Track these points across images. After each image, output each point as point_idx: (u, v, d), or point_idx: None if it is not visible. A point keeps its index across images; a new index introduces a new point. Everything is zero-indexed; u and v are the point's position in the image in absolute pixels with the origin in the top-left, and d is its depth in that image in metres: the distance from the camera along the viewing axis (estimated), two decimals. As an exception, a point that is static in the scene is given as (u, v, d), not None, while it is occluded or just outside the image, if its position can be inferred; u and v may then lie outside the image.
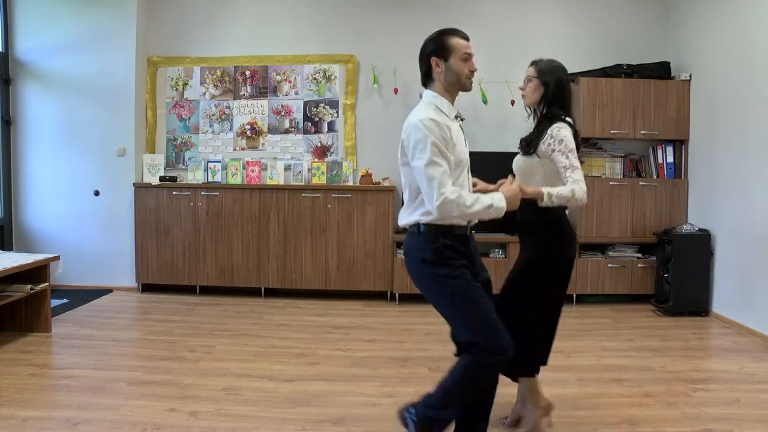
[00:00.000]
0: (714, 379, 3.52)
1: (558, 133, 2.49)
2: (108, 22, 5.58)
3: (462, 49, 2.26)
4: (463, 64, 2.27)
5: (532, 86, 2.62)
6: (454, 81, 2.29)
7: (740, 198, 4.54)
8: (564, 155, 2.48)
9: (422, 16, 5.67)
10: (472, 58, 2.30)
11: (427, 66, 2.32)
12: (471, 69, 2.29)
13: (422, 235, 2.25)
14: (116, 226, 5.65)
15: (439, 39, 2.28)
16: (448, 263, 2.21)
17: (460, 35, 2.29)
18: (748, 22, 4.42)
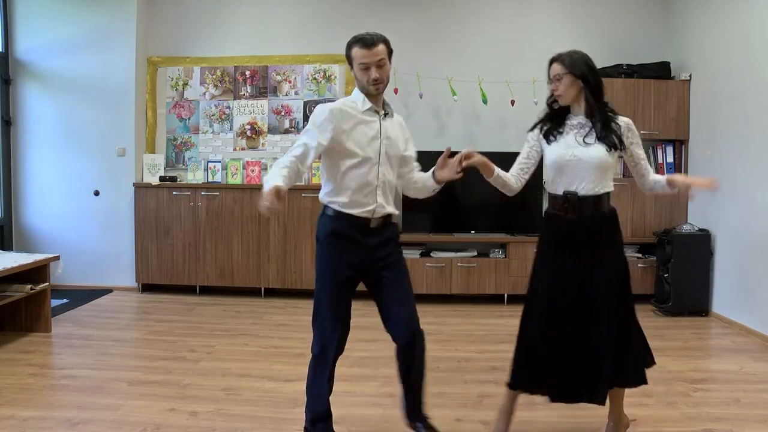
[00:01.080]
0: (714, 379, 3.52)
1: (633, 126, 2.54)
2: (108, 22, 5.58)
3: (359, 59, 2.34)
4: (363, 72, 2.35)
5: (566, 83, 2.48)
6: (361, 87, 2.41)
7: (740, 198, 4.54)
8: (641, 148, 2.56)
9: (422, 16, 5.67)
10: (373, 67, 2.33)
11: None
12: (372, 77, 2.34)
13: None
14: (116, 226, 5.65)
15: (346, 48, 2.40)
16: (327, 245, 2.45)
17: (360, 44, 2.33)
18: (748, 22, 4.42)
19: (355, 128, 2.39)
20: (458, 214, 5.50)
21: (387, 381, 3.40)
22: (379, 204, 2.43)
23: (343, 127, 2.37)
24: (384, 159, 2.43)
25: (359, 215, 2.40)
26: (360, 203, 2.40)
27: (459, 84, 5.49)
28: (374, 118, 2.43)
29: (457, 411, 2.98)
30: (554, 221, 2.55)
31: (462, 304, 5.29)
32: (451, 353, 3.94)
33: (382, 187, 2.44)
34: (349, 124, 2.38)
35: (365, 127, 2.40)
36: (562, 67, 2.49)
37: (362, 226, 2.42)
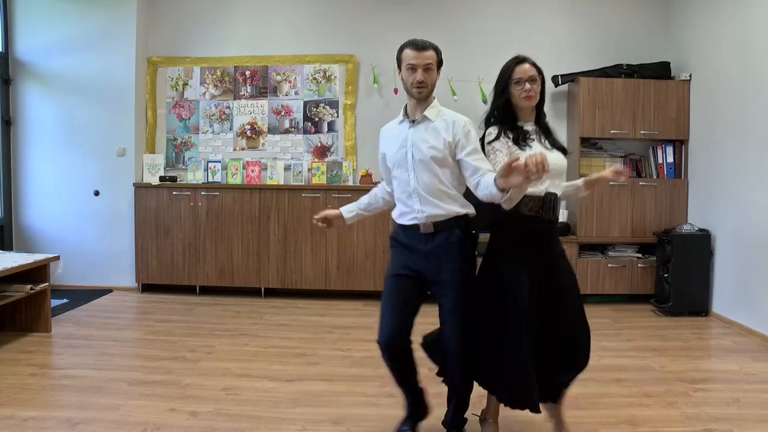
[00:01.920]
0: (714, 379, 3.52)
1: None
2: (108, 22, 5.58)
3: (407, 60, 2.40)
4: (408, 73, 2.41)
5: (538, 86, 2.48)
6: (406, 90, 2.47)
7: (740, 198, 4.54)
8: None
9: (422, 16, 5.67)
10: (419, 69, 2.37)
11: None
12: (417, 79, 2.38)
13: None
14: (116, 226, 5.65)
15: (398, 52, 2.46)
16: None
17: (412, 46, 2.40)
18: (747, 22, 4.42)
19: (389, 142, 2.56)
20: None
21: (387, 381, 3.39)
22: (418, 210, 2.45)
23: (385, 144, 2.59)
24: (413, 165, 2.44)
25: (406, 224, 2.51)
26: (403, 211, 2.52)
27: (459, 84, 5.49)
28: (404, 127, 2.51)
29: (457, 411, 2.98)
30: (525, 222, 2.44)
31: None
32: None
33: (418, 192, 2.44)
34: (386, 140, 2.59)
35: (397, 137, 2.52)
36: (536, 71, 2.49)
37: (412, 233, 2.49)
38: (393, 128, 2.58)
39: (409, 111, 2.51)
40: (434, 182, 2.43)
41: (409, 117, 2.50)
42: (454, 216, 2.44)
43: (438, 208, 2.43)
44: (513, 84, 2.47)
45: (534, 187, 2.40)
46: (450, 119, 2.46)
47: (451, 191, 2.45)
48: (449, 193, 2.44)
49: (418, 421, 2.64)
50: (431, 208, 2.43)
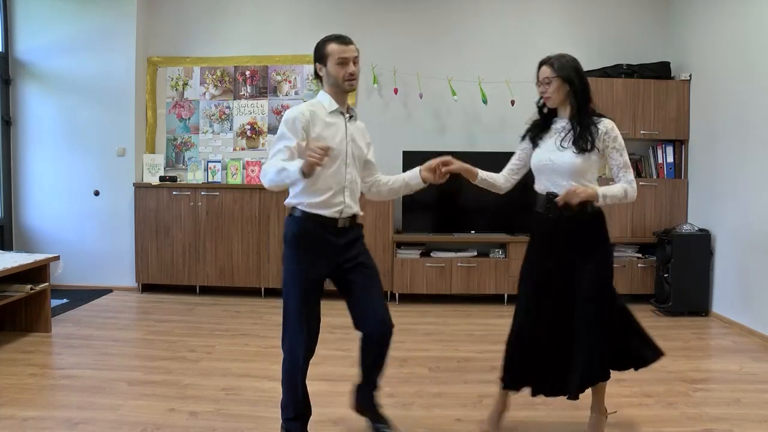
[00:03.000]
0: (714, 379, 3.52)
1: (612, 130, 2.51)
2: (108, 22, 5.58)
3: (337, 54, 2.44)
4: (339, 68, 2.43)
5: (554, 86, 2.51)
6: (334, 83, 2.47)
7: (740, 198, 4.54)
8: (619, 153, 2.52)
9: (422, 16, 5.68)
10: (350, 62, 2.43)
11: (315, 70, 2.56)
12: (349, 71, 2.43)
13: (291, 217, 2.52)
14: (116, 226, 5.65)
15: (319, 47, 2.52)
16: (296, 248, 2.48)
17: (338, 40, 2.46)
18: (748, 23, 4.42)
19: (325, 130, 2.45)
20: (458, 214, 5.50)
21: (387, 381, 3.39)
22: (347, 204, 2.49)
23: (314, 129, 2.42)
24: (351, 160, 2.50)
25: (328, 216, 2.45)
26: (329, 204, 2.45)
27: (459, 84, 5.49)
28: (340, 120, 2.50)
29: (457, 411, 2.98)
30: (539, 220, 2.61)
31: (462, 304, 5.29)
32: (451, 353, 3.94)
33: (350, 187, 2.50)
34: (319, 126, 2.44)
35: (333, 128, 2.47)
36: (551, 71, 2.53)
37: (331, 227, 2.46)
38: (321, 116, 2.45)
39: (339, 104, 2.50)
40: (357, 179, 2.54)
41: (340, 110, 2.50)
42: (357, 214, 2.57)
43: (356, 205, 2.54)
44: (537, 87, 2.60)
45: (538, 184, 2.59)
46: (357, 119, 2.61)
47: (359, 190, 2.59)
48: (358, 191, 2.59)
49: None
50: (354, 205, 2.52)
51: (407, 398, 3.15)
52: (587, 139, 2.48)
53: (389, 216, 5.29)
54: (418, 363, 3.72)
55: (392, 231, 5.33)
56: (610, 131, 2.50)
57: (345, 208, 2.48)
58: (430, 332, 4.42)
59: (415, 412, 2.97)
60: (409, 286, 5.27)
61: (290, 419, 2.56)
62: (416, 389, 3.28)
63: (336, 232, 2.47)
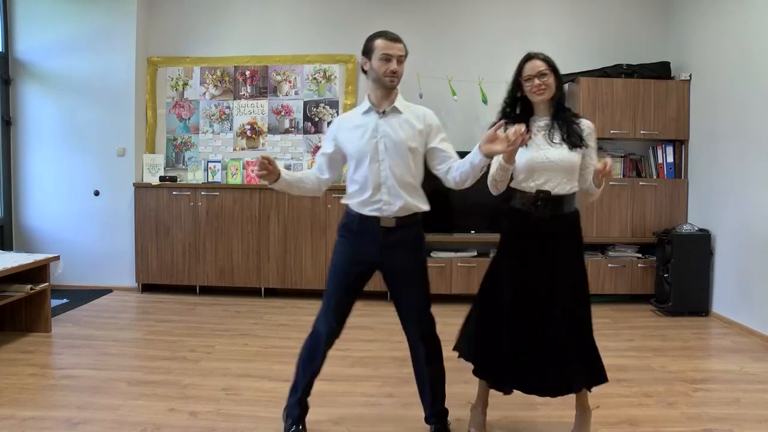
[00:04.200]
0: (714, 379, 3.52)
1: (594, 130, 2.56)
2: (108, 22, 5.58)
3: (381, 49, 2.42)
4: (382, 63, 2.43)
5: (551, 80, 2.49)
6: (376, 79, 2.47)
7: (740, 198, 4.54)
8: (596, 153, 2.59)
9: (422, 16, 5.68)
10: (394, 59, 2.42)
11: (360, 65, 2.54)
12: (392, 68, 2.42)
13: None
14: (116, 226, 5.65)
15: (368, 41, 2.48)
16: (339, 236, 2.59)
17: (385, 36, 2.45)
18: (748, 22, 4.42)
19: (352, 131, 2.51)
20: (458, 214, 5.49)
21: (387, 381, 3.40)
22: (386, 201, 2.47)
23: (343, 133, 2.52)
24: (385, 156, 2.46)
25: (368, 214, 2.48)
26: (367, 202, 2.47)
27: (459, 84, 5.49)
28: (371, 118, 2.50)
29: (457, 411, 2.98)
30: (522, 217, 2.55)
31: (462, 304, 5.26)
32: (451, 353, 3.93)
33: (387, 183, 2.46)
34: (347, 129, 2.52)
35: (361, 128, 2.49)
36: (546, 66, 2.50)
37: (373, 225, 2.48)
38: (354, 119, 2.55)
39: (375, 101, 2.51)
40: (403, 174, 2.48)
41: (377, 108, 2.51)
42: (415, 212, 2.52)
43: (403, 200, 2.48)
44: (524, 81, 2.52)
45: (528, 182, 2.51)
46: (419, 111, 2.56)
47: (417, 185, 2.54)
48: (416, 186, 2.53)
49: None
50: (398, 200, 2.47)
51: (407, 398, 3.15)
52: (577, 135, 2.50)
53: (389, 216, 5.29)
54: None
55: (392, 231, 5.33)
56: (592, 131, 2.55)
57: (384, 206, 2.47)
58: (430, 332, 4.41)
59: (415, 412, 2.97)
60: (409, 286, 5.26)
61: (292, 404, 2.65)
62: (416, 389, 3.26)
63: (378, 230, 2.48)
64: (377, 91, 2.50)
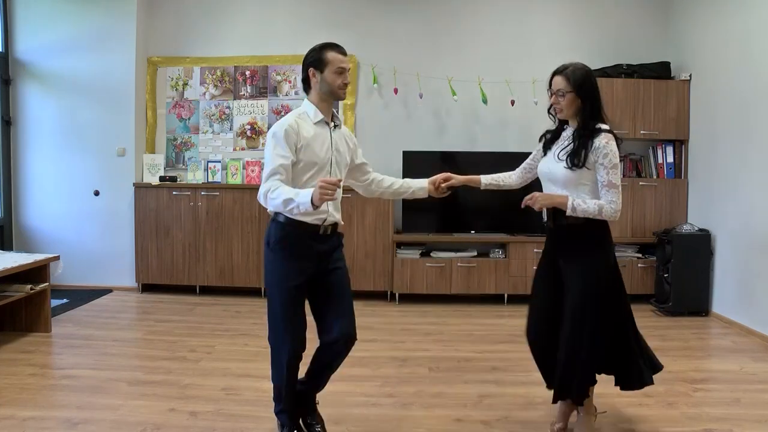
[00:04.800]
0: (714, 379, 3.52)
1: (605, 147, 2.44)
2: (108, 22, 5.58)
3: (337, 63, 2.49)
4: (337, 76, 2.49)
5: (568, 100, 2.50)
6: (327, 91, 2.51)
7: (740, 198, 4.54)
8: (606, 170, 2.45)
9: (422, 16, 5.67)
10: (346, 72, 2.52)
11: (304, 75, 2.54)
12: (345, 81, 2.52)
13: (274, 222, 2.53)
14: (116, 226, 5.65)
15: (316, 51, 2.51)
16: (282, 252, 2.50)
17: (337, 49, 2.53)
18: (748, 22, 4.42)
19: (311, 140, 2.47)
20: (458, 214, 5.49)
21: (387, 381, 3.41)
22: (330, 213, 2.52)
23: (301, 141, 2.44)
24: (335, 169, 2.54)
25: (311, 223, 2.48)
26: (312, 212, 2.41)
27: (459, 84, 5.49)
28: (325, 129, 2.53)
29: (457, 411, 2.98)
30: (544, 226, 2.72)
31: (462, 304, 5.29)
32: (451, 353, 3.94)
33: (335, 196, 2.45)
34: (305, 137, 2.45)
35: (320, 138, 2.50)
36: (567, 84, 2.51)
37: (313, 233, 2.49)
38: (308, 127, 2.46)
39: (324, 113, 2.52)
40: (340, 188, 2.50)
41: (325, 119, 2.53)
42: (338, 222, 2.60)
43: (338, 213, 2.58)
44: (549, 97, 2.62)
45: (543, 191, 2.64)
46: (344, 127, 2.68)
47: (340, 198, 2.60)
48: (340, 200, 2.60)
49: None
50: (336, 213, 2.56)
51: (407, 398, 3.15)
52: (581, 154, 2.48)
53: (389, 216, 5.29)
54: (418, 363, 3.72)
55: (392, 231, 5.33)
56: (601, 148, 2.44)
57: (328, 217, 2.51)
58: (430, 332, 4.42)
59: (415, 412, 2.97)
60: (409, 286, 5.27)
61: (280, 412, 2.63)
62: (416, 389, 3.28)
63: (317, 238, 2.50)
64: (324, 103, 2.53)
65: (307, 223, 2.47)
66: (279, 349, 2.53)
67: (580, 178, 2.49)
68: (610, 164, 2.44)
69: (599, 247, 2.55)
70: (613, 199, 2.45)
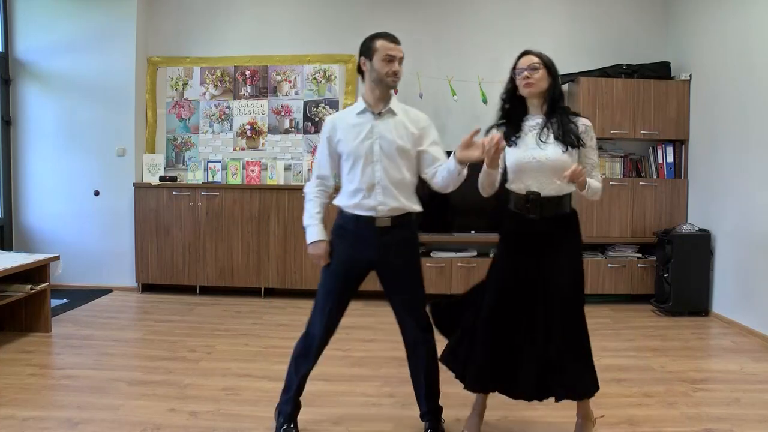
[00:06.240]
0: (714, 379, 3.52)
1: (591, 128, 2.50)
2: (108, 22, 5.58)
3: (385, 50, 2.45)
4: (385, 64, 2.45)
5: (541, 74, 2.45)
6: (377, 79, 2.48)
7: (740, 198, 4.54)
8: (594, 152, 2.53)
9: (422, 16, 5.68)
10: (396, 61, 2.46)
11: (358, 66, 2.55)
12: (394, 69, 2.46)
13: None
14: (116, 226, 5.65)
15: (368, 41, 2.50)
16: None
17: (388, 38, 2.48)
18: (748, 22, 4.42)
19: (347, 132, 2.51)
20: (458, 214, 5.49)
21: (387, 381, 3.41)
22: (381, 202, 2.48)
23: (337, 134, 2.52)
24: (380, 157, 2.48)
25: (362, 215, 2.49)
26: (362, 204, 2.48)
27: (459, 84, 5.49)
28: (366, 119, 2.51)
29: (457, 411, 2.98)
30: (515, 220, 2.57)
31: (462, 304, 5.28)
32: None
33: (382, 184, 2.48)
34: (342, 129, 2.51)
35: (357, 128, 2.50)
36: (539, 60, 2.47)
37: (368, 225, 2.49)
38: (348, 119, 2.54)
39: (372, 103, 2.52)
40: (397, 175, 2.50)
41: (372, 109, 2.52)
42: (409, 211, 2.55)
43: (398, 201, 2.51)
44: (516, 75, 2.51)
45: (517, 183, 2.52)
46: (413, 113, 2.59)
47: (410, 186, 2.56)
48: (409, 187, 2.55)
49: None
50: (392, 201, 2.50)
51: (407, 398, 3.14)
52: (571, 133, 2.44)
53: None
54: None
55: (392, 231, 5.32)
56: (589, 129, 2.50)
57: (379, 206, 2.48)
58: (430, 332, 4.41)
59: (415, 412, 2.97)
60: (409, 286, 5.26)
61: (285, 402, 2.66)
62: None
63: (375, 230, 2.49)
64: (375, 91, 2.51)
65: (359, 216, 2.50)
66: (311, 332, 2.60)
67: (571, 161, 2.44)
68: (596, 145, 2.54)
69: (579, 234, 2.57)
70: (600, 178, 2.52)
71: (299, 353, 2.64)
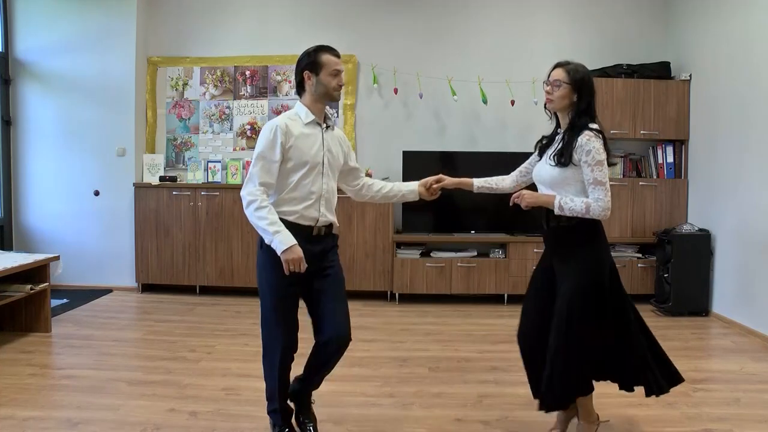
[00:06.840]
0: (714, 379, 3.52)
1: (586, 144, 2.40)
2: (108, 22, 5.58)
3: (332, 65, 2.50)
4: (332, 78, 2.51)
5: (562, 92, 2.46)
6: (322, 93, 2.52)
7: (740, 198, 4.54)
8: (590, 168, 2.40)
9: (422, 16, 5.67)
10: (341, 74, 2.54)
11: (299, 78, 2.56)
12: (340, 83, 2.54)
13: None
14: (116, 226, 5.65)
15: (311, 54, 2.52)
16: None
17: (332, 52, 2.54)
18: (748, 22, 4.42)
19: (302, 140, 2.50)
20: (458, 214, 5.49)
21: (387, 381, 3.41)
22: (322, 213, 2.54)
23: (290, 141, 2.47)
24: (327, 170, 2.55)
25: (303, 224, 2.50)
26: (305, 213, 2.50)
27: (459, 84, 5.49)
28: (317, 130, 2.54)
29: (457, 411, 2.98)
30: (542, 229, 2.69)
31: (462, 304, 5.29)
32: (451, 353, 3.94)
33: (326, 197, 2.55)
34: (296, 137, 2.48)
35: (311, 138, 2.52)
36: (566, 76, 2.47)
37: (306, 234, 2.49)
38: (298, 127, 2.49)
39: (316, 115, 2.54)
40: (333, 187, 2.61)
41: (317, 120, 2.55)
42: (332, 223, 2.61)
43: (332, 215, 2.60)
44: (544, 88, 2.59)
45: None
46: (338, 129, 2.70)
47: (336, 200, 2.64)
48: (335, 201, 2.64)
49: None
50: (330, 214, 2.58)
51: (407, 398, 3.15)
52: (564, 152, 2.45)
53: (389, 216, 5.29)
54: (418, 363, 3.72)
55: (392, 231, 5.33)
56: (583, 145, 2.40)
57: (321, 218, 2.53)
58: (430, 332, 4.42)
59: (415, 412, 2.97)
60: (409, 286, 5.27)
61: (272, 411, 2.61)
62: (416, 389, 3.28)
63: (311, 239, 2.50)
64: (318, 104, 2.55)
65: (300, 225, 2.48)
66: (271, 349, 2.54)
67: (567, 178, 2.45)
68: (594, 161, 2.39)
69: (590, 248, 2.49)
70: (600, 196, 2.39)
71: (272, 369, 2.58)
